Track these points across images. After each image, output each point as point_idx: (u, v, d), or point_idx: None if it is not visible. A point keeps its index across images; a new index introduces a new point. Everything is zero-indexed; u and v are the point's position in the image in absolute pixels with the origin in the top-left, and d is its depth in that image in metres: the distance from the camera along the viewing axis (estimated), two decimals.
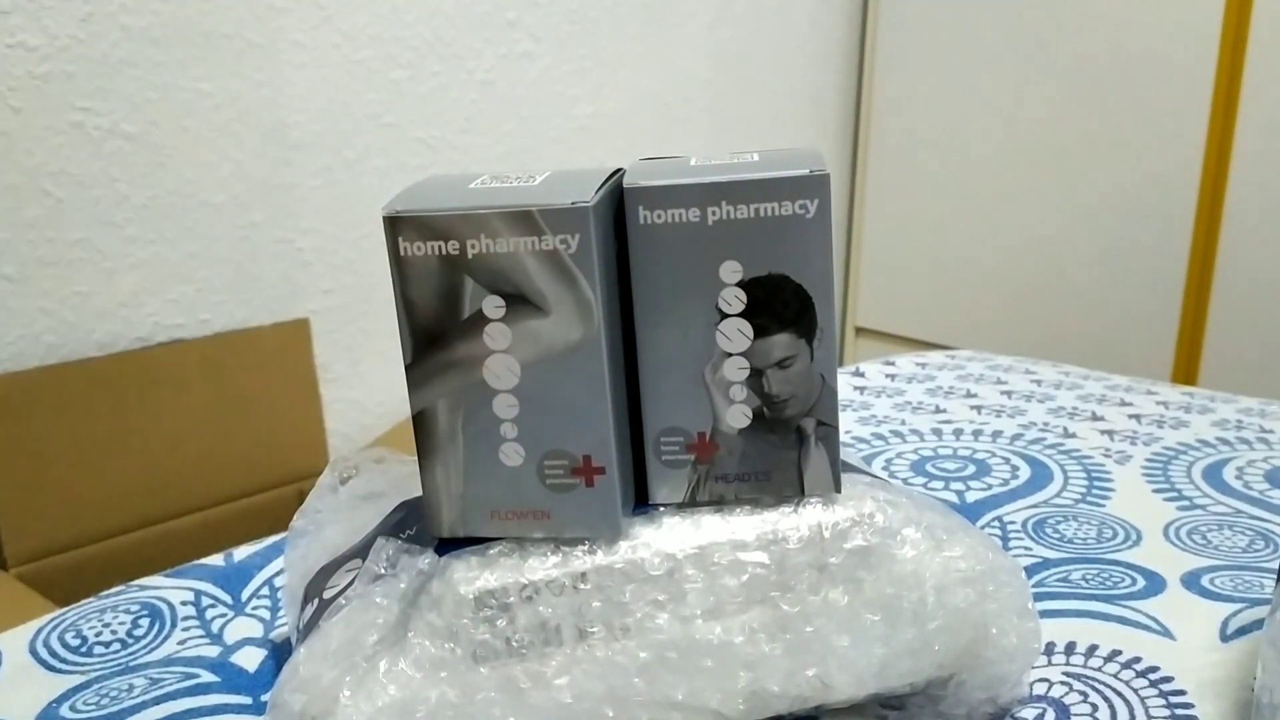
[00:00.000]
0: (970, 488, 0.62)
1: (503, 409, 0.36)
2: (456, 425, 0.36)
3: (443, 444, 0.36)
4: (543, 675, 0.34)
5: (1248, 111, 1.62)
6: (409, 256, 0.34)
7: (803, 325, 0.37)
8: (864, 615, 0.37)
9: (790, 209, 0.35)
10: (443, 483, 0.36)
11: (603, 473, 0.36)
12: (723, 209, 0.35)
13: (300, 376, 1.41)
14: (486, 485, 0.36)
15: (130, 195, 1.21)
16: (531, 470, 0.36)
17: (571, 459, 0.36)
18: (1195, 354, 1.72)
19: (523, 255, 0.34)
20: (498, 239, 0.34)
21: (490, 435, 0.36)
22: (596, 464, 0.36)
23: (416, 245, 0.34)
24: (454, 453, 0.36)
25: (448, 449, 0.36)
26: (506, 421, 0.36)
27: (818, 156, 0.37)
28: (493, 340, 0.35)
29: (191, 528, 1.31)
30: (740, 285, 0.36)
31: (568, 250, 0.34)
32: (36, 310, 1.21)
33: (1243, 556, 0.53)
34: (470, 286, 0.35)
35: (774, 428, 0.38)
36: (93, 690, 0.45)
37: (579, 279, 0.34)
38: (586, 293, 0.34)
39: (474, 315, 0.35)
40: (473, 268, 0.34)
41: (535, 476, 0.36)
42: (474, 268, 0.34)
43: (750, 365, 0.37)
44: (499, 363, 0.35)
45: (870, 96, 2.06)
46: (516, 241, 0.34)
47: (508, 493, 0.36)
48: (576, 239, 0.34)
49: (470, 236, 0.34)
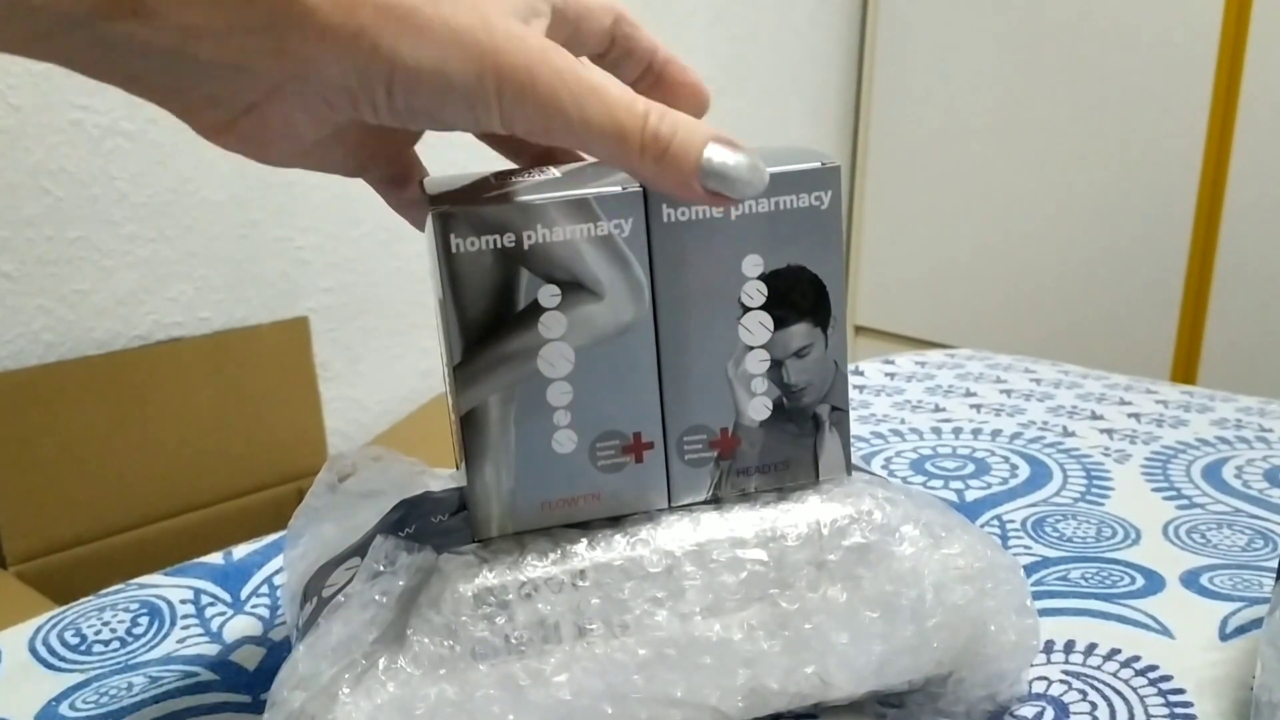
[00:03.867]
0: (969, 486, 0.62)
1: (556, 397, 0.36)
2: (509, 419, 0.36)
3: (494, 442, 0.36)
4: (542, 673, 0.34)
5: (1247, 110, 1.62)
6: (461, 253, 0.34)
7: (819, 314, 0.37)
8: (863, 612, 0.37)
9: (807, 201, 0.36)
10: (493, 481, 0.36)
11: (651, 447, 0.37)
12: (744, 204, 0.35)
13: (299, 375, 1.41)
14: (539, 476, 0.36)
15: (129, 193, 1.21)
16: (584, 455, 0.36)
17: (623, 438, 0.36)
18: (1194, 353, 1.72)
19: (579, 242, 0.34)
20: (555, 228, 0.34)
21: (544, 425, 0.36)
22: (646, 440, 0.36)
23: (470, 241, 0.34)
24: (505, 449, 0.36)
25: (499, 446, 0.36)
26: (560, 409, 0.36)
27: (818, 151, 0.37)
28: (547, 329, 0.35)
29: (191, 526, 1.31)
30: (761, 278, 0.36)
31: (621, 234, 0.34)
32: (35, 308, 1.21)
33: (1242, 555, 0.53)
34: (525, 278, 0.34)
35: (792, 416, 0.38)
36: (92, 689, 0.45)
37: (631, 261, 0.35)
38: (638, 274, 0.35)
39: (528, 306, 0.35)
40: (529, 258, 0.34)
41: (587, 460, 0.36)
42: (530, 258, 0.34)
43: (770, 357, 0.37)
44: (554, 351, 0.35)
45: (870, 95, 2.05)
46: (573, 229, 0.34)
47: (560, 481, 0.36)
48: (630, 222, 0.35)
49: (527, 228, 0.34)
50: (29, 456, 1.18)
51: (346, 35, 0.29)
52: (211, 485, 1.32)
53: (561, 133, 0.31)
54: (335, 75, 0.29)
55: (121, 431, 1.24)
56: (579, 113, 0.30)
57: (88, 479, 1.22)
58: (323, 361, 1.46)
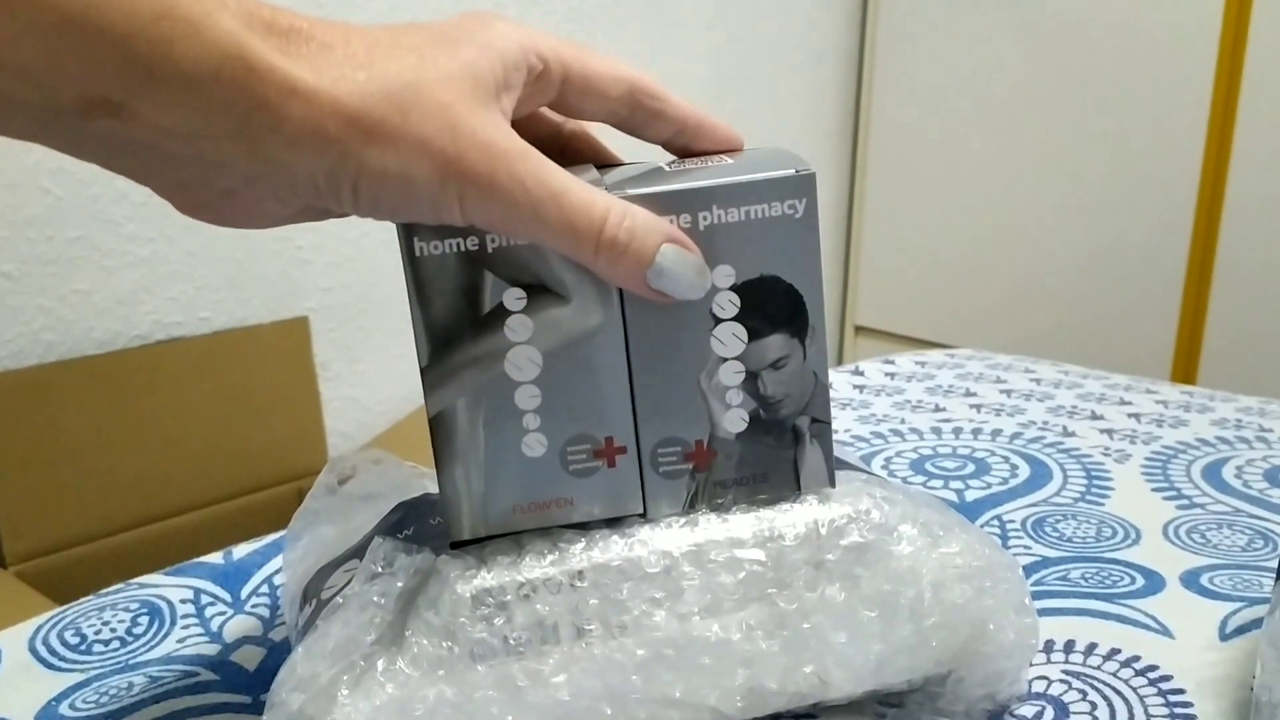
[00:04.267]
0: (969, 486, 0.62)
1: (525, 400, 0.35)
2: (477, 423, 0.36)
3: (463, 444, 0.36)
4: (540, 673, 0.34)
5: (1247, 110, 1.62)
6: (425, 256, 0.34)
7: (795, 325, 0.37)
8: (861, 612, 0.37)
9: (780, 210, 0.35)
10: (463, 485, 0.36)
11: (624, 452, 0.36)
12: (714, 213, 0.35)
13: (299, 375, 1.41)
14: (508, 480, 0.36)
15: (129, 193, 1.21)
16: (554, 459, 0.36)
17: (594, 442, 0.36)
18: (1194, 353, 1.72)
19: (544, 245, 0.34)
20: None
21: (512, 429, 0.36)
22: (618, 444, 0.36)
23: (433, 244, 0.34)
24: (474, 452, 0.36)
25: (468, 449, 0.36)
26: (529, 413, 0.36)
27: (795, 155, 0.36)
28: (514, 333, 0.35)
29: (191, 526, 1.31)
30: (733, 289, 0.36)
31: None
32: (35, 308, 1.21)
33: (1242, 555, 0.53)
34: (490, 281, 0.34)
35: (770, 429, 0.37)
36: (92, 688, 0.45)
37: None
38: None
39: (494, 310, 0.35)
40: (493, 262, 0.34)
41: (558, 464, 0.36)
42: (494, 262, 0.34)
43: (745, 369, 0.37)
44: (520, 354, 0.35)
45: (869, 96, 2.05)
46: None
47: (530, 485, 0.36)
48: None
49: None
50: (29, 456, 1.18)
51: (316, 143, 0.30)
52: (211, 485, 1.32)
53: (521, 233, 0.33)
54: (304, 175, 0.31)
55: (121, 431, 1.24)
56: (535, 217, 0.32)
57: (88, 479, 1.22)
58: (323, 361, 1.46)
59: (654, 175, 0.36)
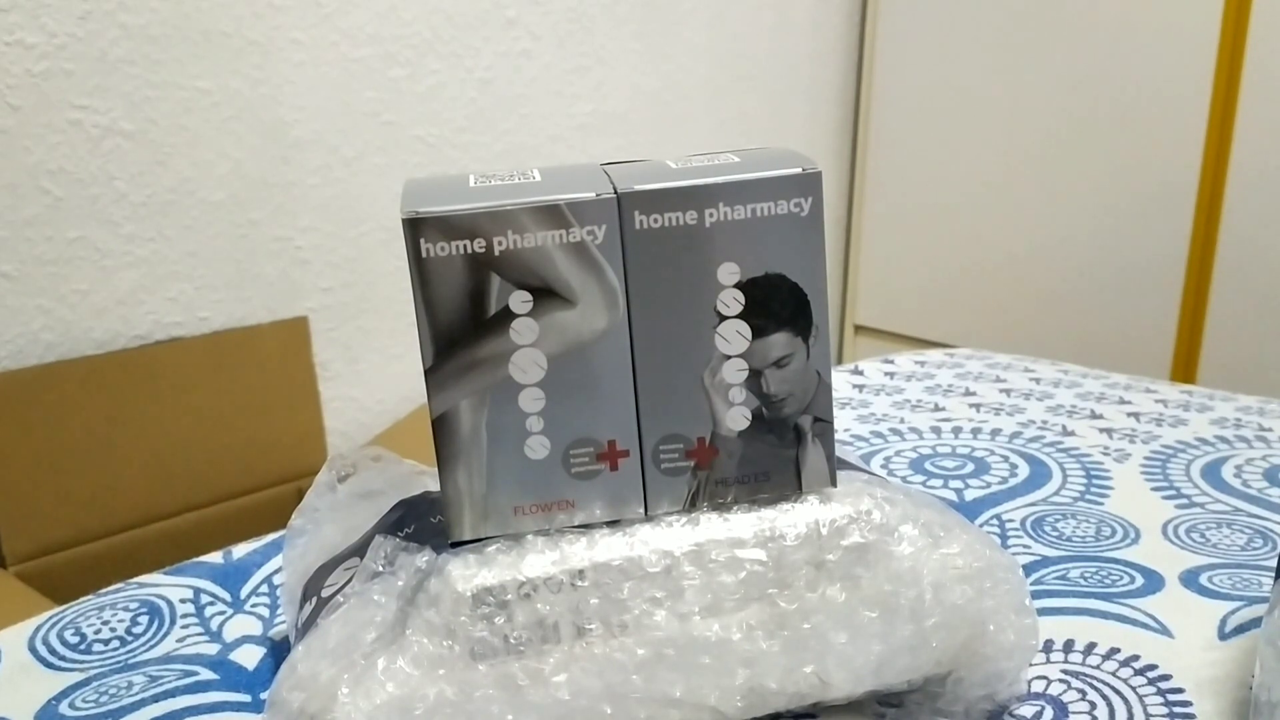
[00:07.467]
0: (969, 486, 0.62)
1: (528, 403, 0.36)
2: (480, 424, 0.36)
3: (466, 445, 0.36)
4: (541, 673, 0.34)
5: (1247, 111, 1.62)
6: (431, 257, 0.34)
7: (799, 324, 0.37)
8: (861, 612, 0.37)
9: (785, 208, 0.35)
10: (465, 485, 0.36)
11: (627, 455, 0.36)
12: (720, 210, 0.35)
13: (299, 374, 1.41)
14: (510, 482, 0.36)
15: (129, 193, 1.21)
16: (557, 461, 0.36)
17: (597, 445, 0.36)
18: (1194, 352, 1.72)
19: (550, 249, 0.34)
20: (525, 234, 0.34)
21: (516, 430, 0.36)
22: (621, 448, 0.36)
23: (440, 246, 0.34)
24: (477, 453, 0.36)
25: (471, 450, 0.36)
26: (532, 415, 0.36)
27: (801, 154, 0.36)
28: (519, 335, 0.35)
29: (190, 525, 1.31)
30: (738, 286, 0.36)
31: (594, 241, 0.34)
32: (35, 308, 1.21)
33: (1241, 554, 0.53)
34: (496, 283, 0.34)
35: (772, 427, 0.37)
36: (92, 688, 0.45)
37: (605, 268, 0.35)
38: (612, 280, 0.35)
39: (500, 312, 0.35)
40: (499, 264, 0.34)
41: (561, 467, 0.36)
42: (501, 264, 0.34)
43: (748, 366, 0.37)
44: (525, 357, 0.35)
45: (869, 95, 2.05)
46: (545, 235, 0.34)
47: (532, 487, 0.36)
48: (603, 229, 0.34)
49: (497, 233, 0.34)
50: (28, 456, 1.18)
51: None
52: (211, 485, 1.32)
53: None
54: None
55: (121, 431, 1.24)
56: None
57: (87, 478, 1.22)
58: (323, 361, 1.46)
59: (660, 172, 0.36)
